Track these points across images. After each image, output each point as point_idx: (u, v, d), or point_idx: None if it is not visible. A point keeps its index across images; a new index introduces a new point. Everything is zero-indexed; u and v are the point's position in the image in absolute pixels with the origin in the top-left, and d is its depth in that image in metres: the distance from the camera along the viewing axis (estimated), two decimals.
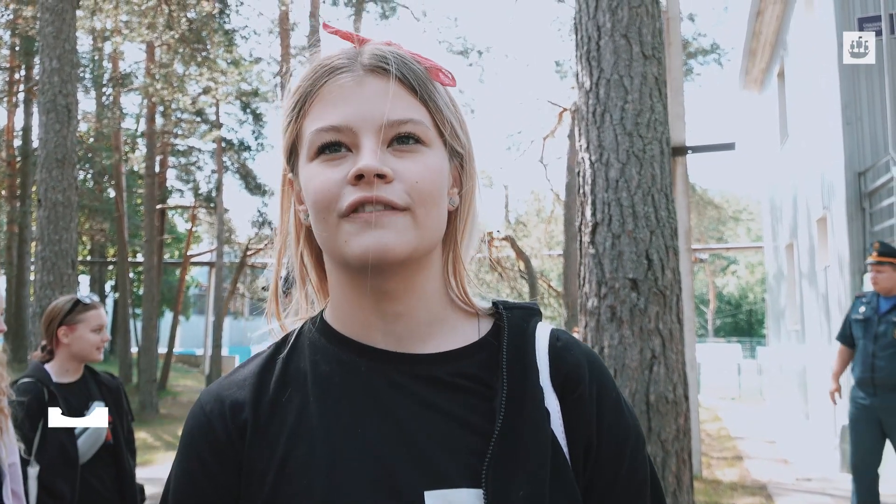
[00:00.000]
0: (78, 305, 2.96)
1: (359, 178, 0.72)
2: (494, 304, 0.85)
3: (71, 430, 2.81)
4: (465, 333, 0.81)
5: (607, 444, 0.79)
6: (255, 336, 0.95)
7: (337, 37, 0.80)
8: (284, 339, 0.84)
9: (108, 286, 29.12)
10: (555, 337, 0.82)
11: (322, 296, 0.86)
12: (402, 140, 0.74)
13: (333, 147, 0.74)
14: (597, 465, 0.78)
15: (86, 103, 20.00)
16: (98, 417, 2.91)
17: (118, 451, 2.99)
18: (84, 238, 22.77)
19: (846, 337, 5.13)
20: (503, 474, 0.71)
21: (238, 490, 0.76)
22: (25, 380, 2.84)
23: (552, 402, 0.77)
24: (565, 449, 0.76)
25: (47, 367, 2.93)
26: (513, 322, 0.82)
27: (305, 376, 0.79)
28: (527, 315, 0.83)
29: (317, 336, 0.82)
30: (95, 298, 3.06)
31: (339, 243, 0.73)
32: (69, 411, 2.83)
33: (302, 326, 0.85)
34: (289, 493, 0.73)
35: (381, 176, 0.71)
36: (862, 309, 5.01)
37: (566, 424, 0.77)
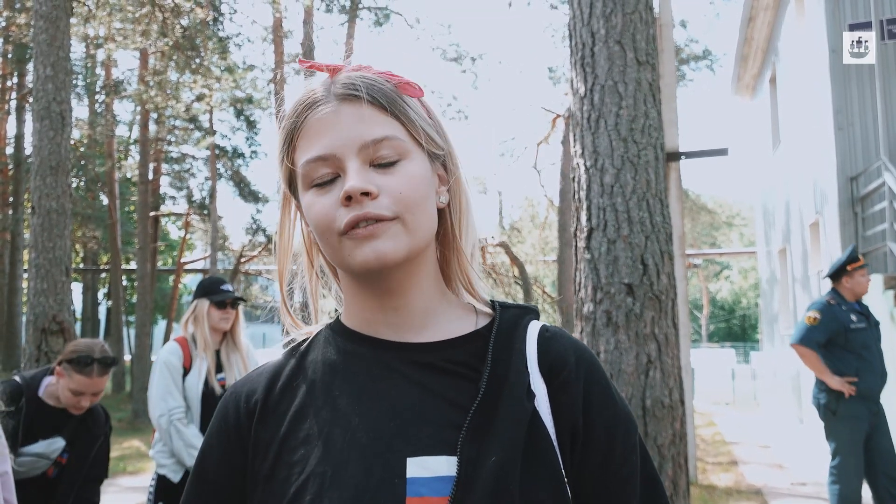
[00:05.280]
0: (79, 362, 2.76)
1: (348, 198, 0.80)
2: (492, 302, 0.92)
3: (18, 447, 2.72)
4: (460, 325, 0.89)
5: (596, 429, 0.83)
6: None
7: (313, 70, 0.89)
8: (305, 339, 0.93)
9: (101, 294, 28.97)
10: (544, 329, 0.89)
11: (339, 301, 0.96)
12: (382, 156, 0.82)
13: (323, 175, 0.83)
14: (585, 448, 0.83)
15: (79, 110, 19.95)
16: (50, 450, 2.83)
17: (55, 488, 2.87)
18: (77, 245, 22.66)
19: (821, 345, 4.82)
20: (477, 443, 0.77)
21: (244, 468, 0.86)
22: (15, 378, 2.81)
23: (539, 386, 0.83)
24: (552, 430, 0.81)
25: (46, 380, 2.85)
26: (506, 317, 0.89)
27: (317, 365, 0.89)
28: (522, 313, 0.90)
29: (330, 333, 0.92)
30: (105, 369, 2.81)
31: (343, 257, 0.83)
32: (28, 432, 2.75)
33: (320, 330, 0.94)
34: (288, 463, 0.82)
35: (366, 193, 0.80)
36: (854, 317, 4.82)
37: (553, 407, 0.83)
